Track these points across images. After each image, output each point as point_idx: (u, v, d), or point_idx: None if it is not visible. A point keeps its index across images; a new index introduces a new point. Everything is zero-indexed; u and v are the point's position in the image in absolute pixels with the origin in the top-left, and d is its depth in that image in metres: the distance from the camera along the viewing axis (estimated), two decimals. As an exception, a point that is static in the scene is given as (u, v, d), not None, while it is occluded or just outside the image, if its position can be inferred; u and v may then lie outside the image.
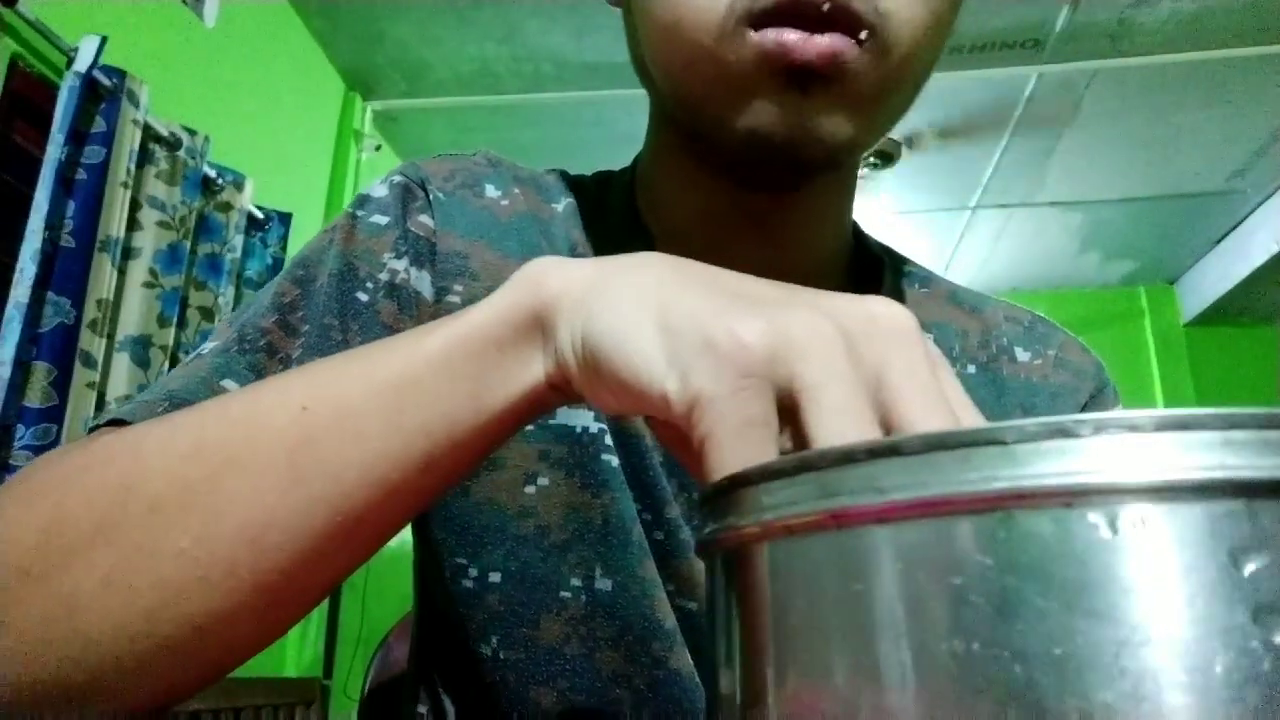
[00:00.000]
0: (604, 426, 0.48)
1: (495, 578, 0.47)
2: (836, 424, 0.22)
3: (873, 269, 0.56)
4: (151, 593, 0.29)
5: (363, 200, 0.51)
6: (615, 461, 0.48)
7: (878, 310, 0.25)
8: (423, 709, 0.52)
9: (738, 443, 0.23)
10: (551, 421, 0.48)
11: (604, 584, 0.46)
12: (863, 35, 0.39)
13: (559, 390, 0.30)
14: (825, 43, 0.39)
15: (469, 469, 0.32)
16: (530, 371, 0.30)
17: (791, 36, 0.39)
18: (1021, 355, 0.58)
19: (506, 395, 0.30)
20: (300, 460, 0.29)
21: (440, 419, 0.30)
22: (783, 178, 0.46)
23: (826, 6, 0.38)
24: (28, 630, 0.29)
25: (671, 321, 0.25)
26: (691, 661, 0.46)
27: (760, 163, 0.44)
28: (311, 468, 0.29)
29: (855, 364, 0.23)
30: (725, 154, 0.45)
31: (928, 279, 0.59)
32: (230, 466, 0.30)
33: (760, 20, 0.39)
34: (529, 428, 0.47)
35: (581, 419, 0.48)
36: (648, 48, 0.45)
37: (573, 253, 0.51)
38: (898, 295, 0.56)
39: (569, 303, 0.29)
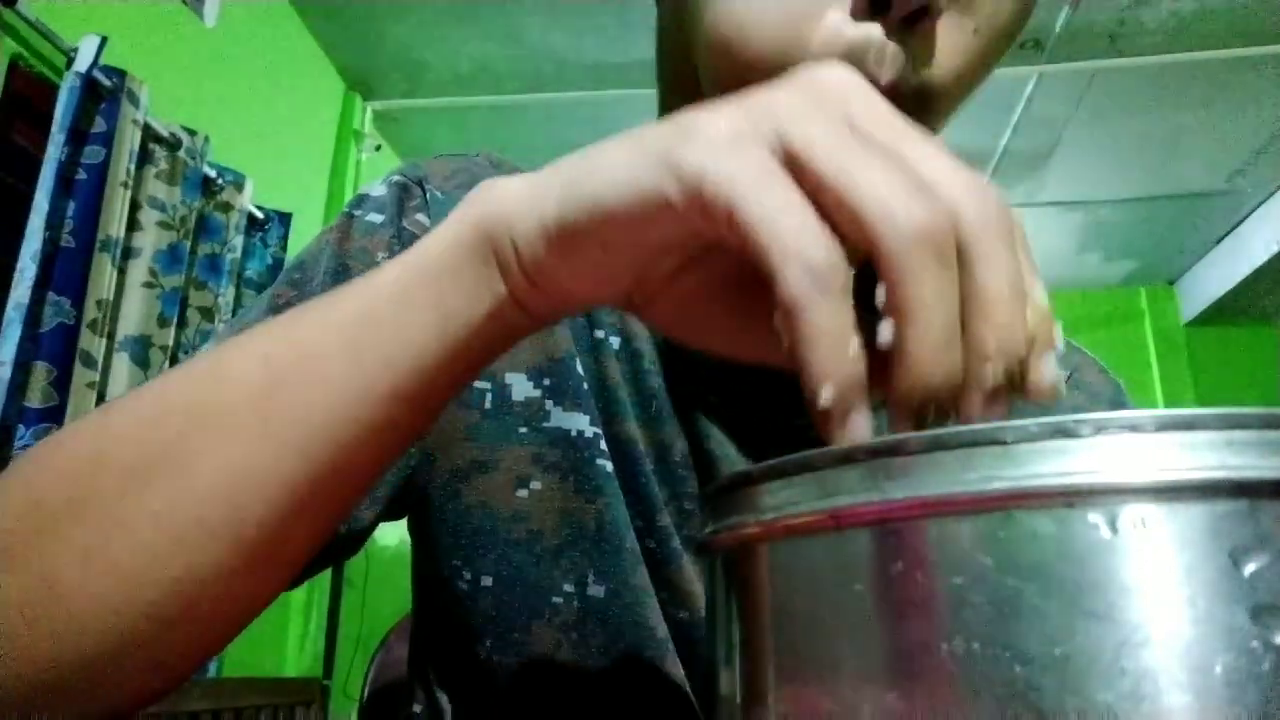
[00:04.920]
0: (599, 431, 0.47)
1: (487, 581, 0.46)
2: (842, 162, 0.22)
3: None
4: (131, 561, 0.29)
5: (360, 199, 0.50)
6: (609, 467, 0.47)
7: (823, 72, 0.25)
8: (418, 707, 0.52)
9: (766, 190, 0.22)
10: (545, 424, 0.47)
11: (596, 590, 0.46)
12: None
13: (526, 309, 0.29)
14: None
15: (444, 400, 0.31)
16: (492, 291, 0.29)
17: None
18: None
19: (471, 319, 0.29)
20: (266, 409, 0.29)
21: (403, 352, 0.29)
22: None
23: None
24: (11, 614, 0.29)
25: (643, 143, 0.25)
26: (683, 671, 0.46)
27: None
28: (278, 415, 0.29)
29: (829, 114, 0.23)
30: None
31: None
32: (197, 424, 0.29)
33: None
34: (522, 429, 0.47)
35: (576, 422, 0.47)
36: (701, 56, 0.42)
37: None
38: None
39: (523, 201, 0.28)
